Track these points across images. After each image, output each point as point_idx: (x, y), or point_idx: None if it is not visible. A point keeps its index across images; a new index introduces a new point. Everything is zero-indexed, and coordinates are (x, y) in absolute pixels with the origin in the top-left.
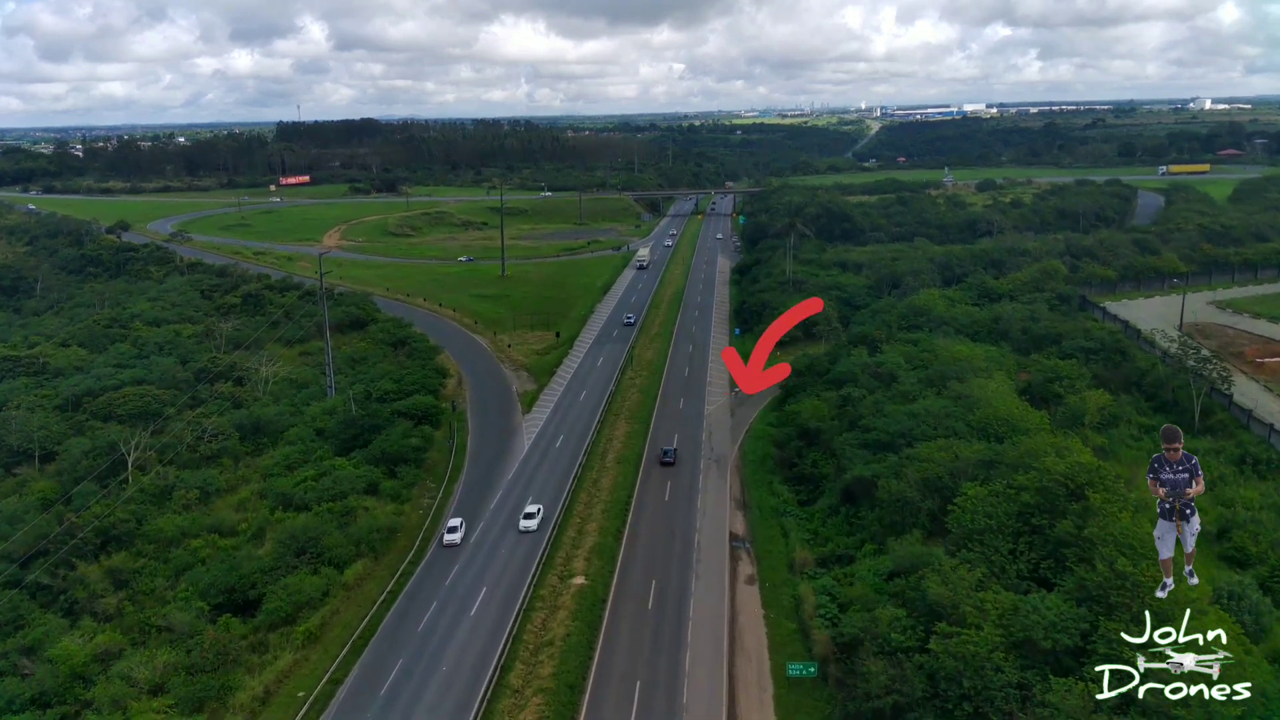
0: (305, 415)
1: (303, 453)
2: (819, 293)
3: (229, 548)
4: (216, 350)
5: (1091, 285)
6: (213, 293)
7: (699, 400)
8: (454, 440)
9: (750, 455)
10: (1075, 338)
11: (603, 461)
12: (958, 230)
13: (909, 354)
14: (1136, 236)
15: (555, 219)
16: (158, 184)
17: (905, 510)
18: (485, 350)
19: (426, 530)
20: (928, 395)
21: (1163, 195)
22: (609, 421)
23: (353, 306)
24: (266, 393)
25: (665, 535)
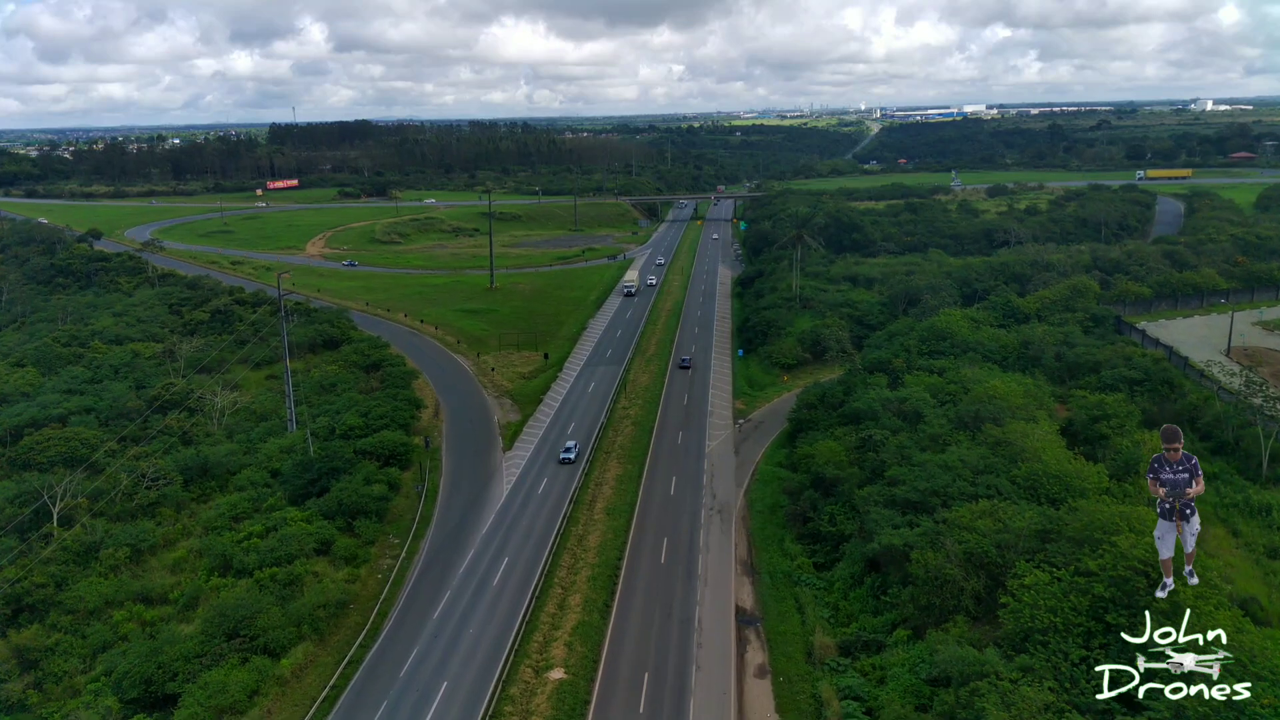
0: (260, 454)
1: (253, 500)
2: (828, 310)
3: (156, 620)
4: (176, 373)
5: (1125, 303)
6: (181, 307)
7: (699, 433)
8: (424, 484)
9: (758, 504)
10: (1116, 366)
11: (590, 513)
12: (973, 240)
13: (934, 386)
14: (1166, 248)
15: (549, 225)
16: (142, 188)
17: (945, 590)
18: (467, 373)
19: (384, 601)
20: (960, 440)
21: (1182, 202)
22: (599, 461)
23: (326, 324)
24: (221, 425)
25: (661, 610)
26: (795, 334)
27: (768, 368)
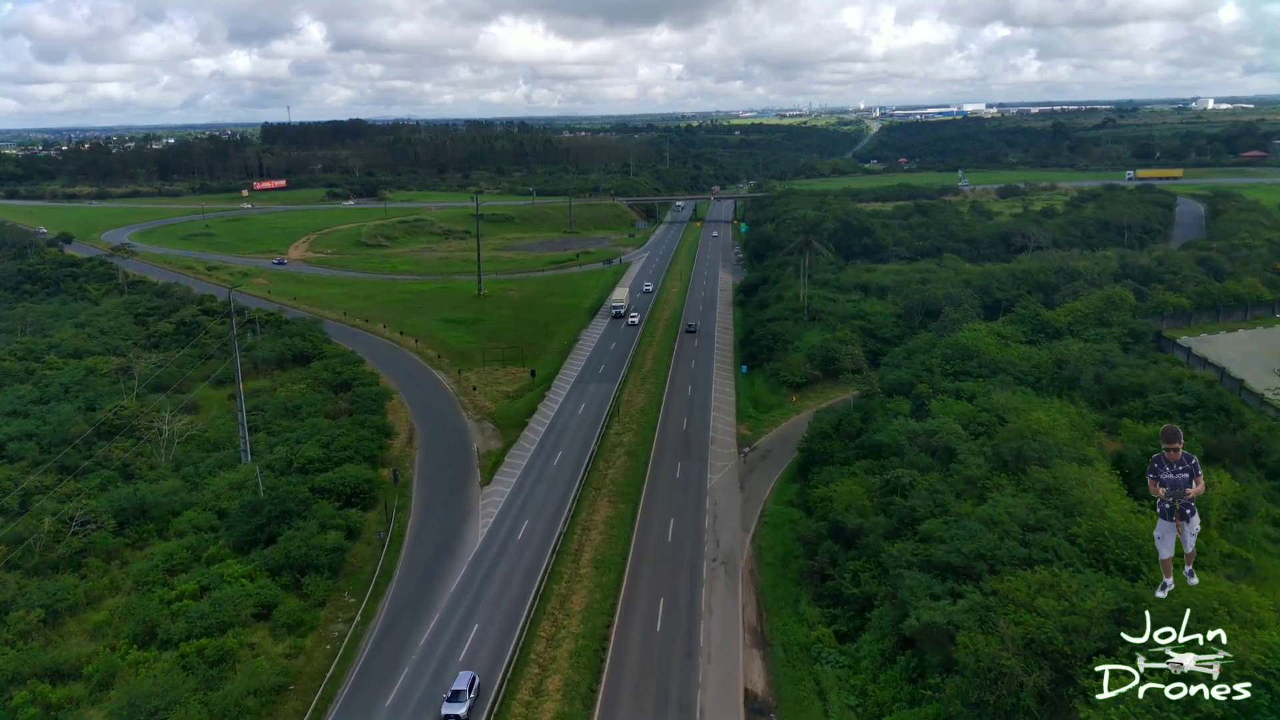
0: (208, 491)
1: (192, 548)
2: (839, 323)
3: (63, 702)
4: (130, 393)
5: (1162, 316)
6: (148, 317)
7: (701, 464)
8: (389, 529)
9: (768, 553)
10: (1164, 390)
11: (576, 565)
12: (989, 244)
13: (965, 415)
14: (1199, 254)
15: (544, 227)
16: (127, 189)
17: (1001, 684)
18: (447, 392)
19: (331, 681)
20: (1003, 484)
21: (1202, 203)
22: (587, 499)
23: (297, 337)
24: (169, 456)
25: (656, 696)
26: (804, 349)
27: (774, 386)
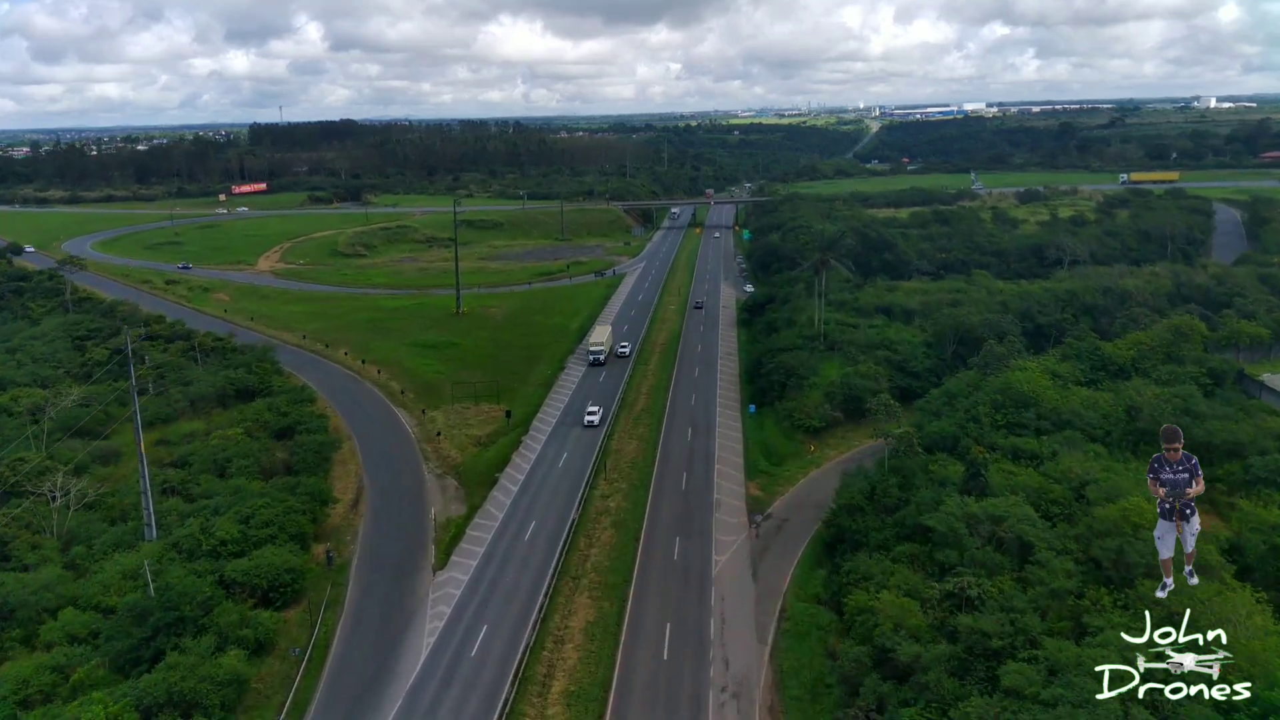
0: (95, 581)
1: (58, 669)
2: (861, 353)
3: None
4: (40, 438)
5: (1239, 349)
6: (87, 341)
7: (704, 540)
8: (310, 642)
9: (791, 680)
10: (1267, 450)
11: (543, 700)
12: (1019, 257)
13: (1033, 489)
14: (1260, 270)
15: (534, 233)
16: (100, 193)
17: None
18: (408, 437)
19: None
20: (1103, 602)
21: (1240, 210)
22: (563, 594)
23: (243, 369)
24: (63, 530)
25: None
26: (821, 385)
27: (788, 431)
